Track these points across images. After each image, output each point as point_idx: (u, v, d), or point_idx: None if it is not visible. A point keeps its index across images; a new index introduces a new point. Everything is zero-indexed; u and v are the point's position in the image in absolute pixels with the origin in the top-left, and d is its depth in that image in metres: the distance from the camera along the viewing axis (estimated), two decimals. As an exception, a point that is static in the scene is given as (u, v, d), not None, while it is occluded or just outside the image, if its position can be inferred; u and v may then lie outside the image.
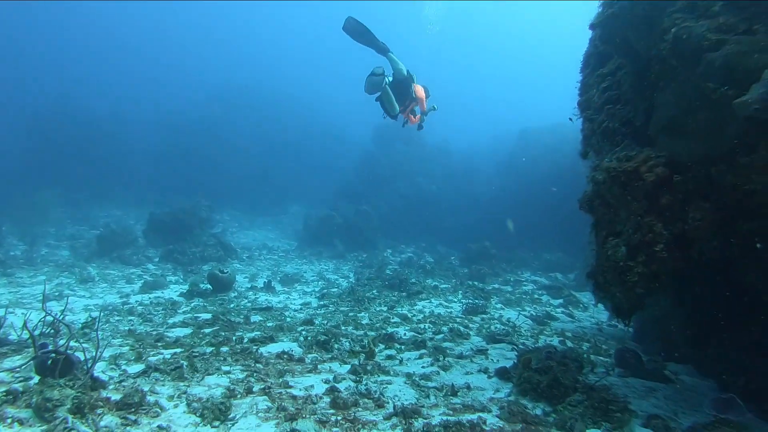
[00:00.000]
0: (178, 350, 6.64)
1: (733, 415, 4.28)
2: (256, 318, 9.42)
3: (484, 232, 20.45)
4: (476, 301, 11.89)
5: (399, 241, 23.16)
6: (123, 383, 4.93)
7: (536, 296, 13.49)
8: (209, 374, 5.65)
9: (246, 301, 11.22)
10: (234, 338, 7.57)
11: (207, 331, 8.02)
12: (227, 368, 5.99)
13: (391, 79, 9.23)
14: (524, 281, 15.74)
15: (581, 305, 12.65)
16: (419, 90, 9.58)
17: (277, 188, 32.18)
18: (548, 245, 19.43)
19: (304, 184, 33.77)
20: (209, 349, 6.76)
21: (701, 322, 6.73)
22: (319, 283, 14.32)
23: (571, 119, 6.55)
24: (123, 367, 5.64)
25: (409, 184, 26.35)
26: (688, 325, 7.29)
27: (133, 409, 4.13)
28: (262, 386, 5.39)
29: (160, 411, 4.29)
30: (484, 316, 10.61)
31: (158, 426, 3.96)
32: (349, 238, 21.07)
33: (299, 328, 8.66)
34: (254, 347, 7.10)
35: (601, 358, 7.95)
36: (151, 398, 4.51)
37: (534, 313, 11.10)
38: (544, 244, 19.68)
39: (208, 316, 9.12)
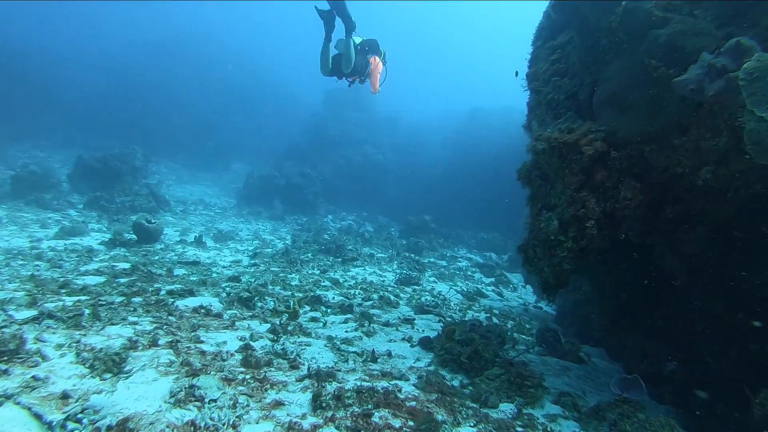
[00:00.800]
0: (84, 298, 6.12)
1: (634, 395, 4.34)
2: (180, 271, 8.93)
3: (426, 206, 20.49)
4: (410, 272, 11.82)
5: (341, 207, 22.89)
6: (3, 329, 4.42)
7: (469, 273, 13.60)
8: (112, 324, 5.21)
9: (173, 254, 10.65)
10: (151, 290, 7.11)
11: (122, 280, 7.49)
12: (135, 319, 5.56)
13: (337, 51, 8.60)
14: (459, 258, 15.85)
15: (511, 285, 12.87)
16: (375, 75, 8.85)
17: (221, 144, 30.98)
18: (486, 225, 19.66)
19: (250, 142, 32.67)
20: (120, 299, 6.28)
21: (614, 309, 6.92)
22: (254, 242, 13.86)
23: (516, 73, 6.38)
24: (10, 312, 5.09)
25: (355, 152, 25.93)
26: (603, 312, 7.51)
27: (5, 358, 3.68)
28: (170, 339, 5.03)
29: (40, 360, 3.84)
30: (416, 287, 10.56)
31: (33, 377, 3.51)
32: (290, 200, 20.58)
33: (224, 284, 8.27)
34: (171, 300, 6.68)
35: (523, 336, 8.04)
36: (33, 346, 4.04)
37: (465, 289, 11.15)
38: (482, 223, 19.91)
39: (127, 266, 8.56)
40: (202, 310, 6.37)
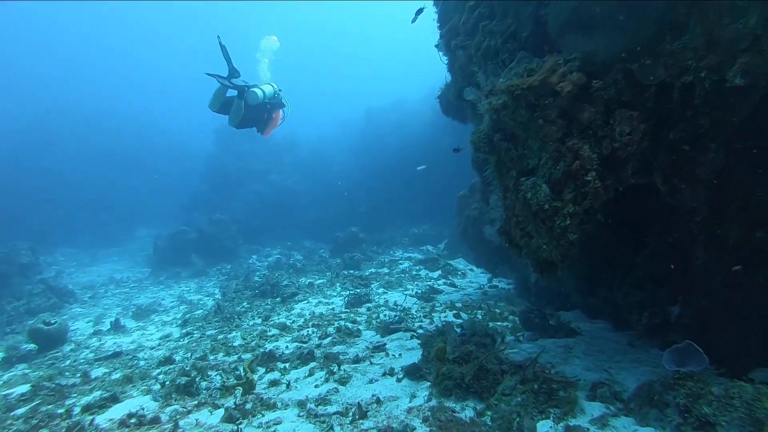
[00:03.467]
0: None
1: (694, 367, 3.43)
2: (99, 371, 7.19)
3: (348, 217, 19.46)
4: (357, 290, 10.63)
5: (263, 244, 21.19)
6: None
7: (414, 273, 12.61)
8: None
9: (87, 351, 8.75)
10: (61, 411, 5.42)
11: (20, 412, 5.70)
12: (36, 469, 3.96)
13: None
14: (399, 260, 14.83)
15: (459, 272, 12.05)
16: (272, 126, 8.68)
17: (119, 214, 28.00)
18: (413, 219, 18.87)
19: (151, 203, 29.89)
20: (14, 444, 4.60)
21: (590, 266, 6.14)
22: (181, 307, 12.05)
23: (421, 9, 5.52)
24: None
25: (263, 184, 24.21)
26: (576, 273, 6.72)
27: None
28: (91, 484, 3.52)
29: None
30: (369, 305, 9.36)
31: None
32: (208, 251, 18.64)
33: (155, 372, 6.66)
34: (89, 418, 5.06)
35: (499, 323, 7.13)
36: None
37: (418, 291, 10.13)
38: (408, 219, 19.11)
39: (27, 387, 6.67)
40: (133, 420, 4.81)
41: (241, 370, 5.78)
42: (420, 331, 6.97)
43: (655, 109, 3.09)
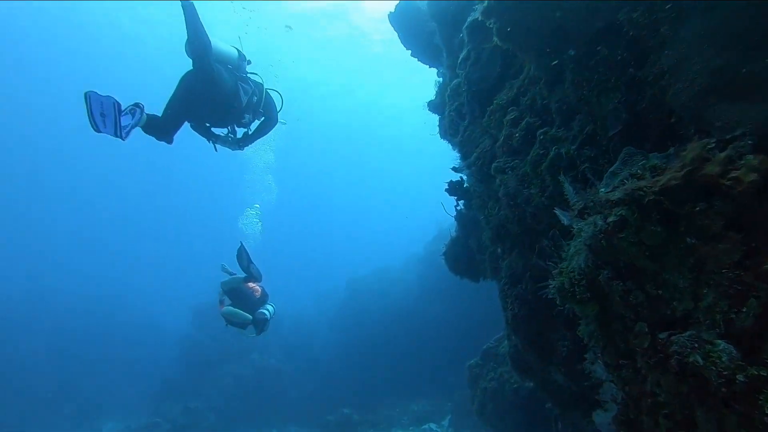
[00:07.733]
0: None
1: None
2: None
3: (337, 395, 16.90)
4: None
5: (243, 432, 17.99)
6: None
7: (423, 462, 10.18)
8: None
9: None
10: None
11: None
12: None
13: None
14: (402, 446, 12.30)
15: (475, 456, 9.74)
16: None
17: (85, 405, 24.22)
18: (409, 393, 16.40)
19: (121, 392, 26.10)
20: None
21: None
22: None
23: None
24: None
25: (243, 365, 21.31)
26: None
27: None
28: None
29: None
30: None
31: None
32: (179, 447, 15.51)
33: None
34: None
35: None
36: None
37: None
38: (404, 393, 16.62)
39: None
40: None
41: None
42: None
43: None
